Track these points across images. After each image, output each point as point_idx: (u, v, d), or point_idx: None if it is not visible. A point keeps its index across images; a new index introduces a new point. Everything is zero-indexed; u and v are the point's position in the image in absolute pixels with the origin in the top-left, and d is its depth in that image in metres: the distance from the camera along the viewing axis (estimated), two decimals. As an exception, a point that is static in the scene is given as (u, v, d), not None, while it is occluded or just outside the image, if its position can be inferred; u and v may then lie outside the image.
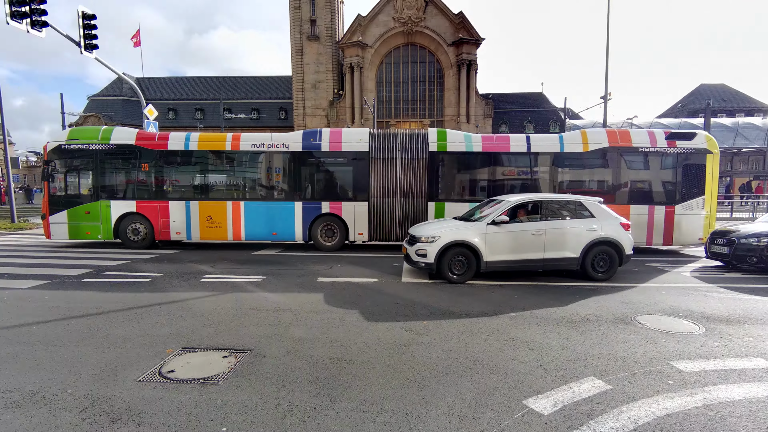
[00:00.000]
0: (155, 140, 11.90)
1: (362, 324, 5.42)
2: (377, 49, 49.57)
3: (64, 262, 9.72)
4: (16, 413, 3.24)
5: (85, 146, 11.81)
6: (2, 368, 4.05)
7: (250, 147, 11.86)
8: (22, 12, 11.80)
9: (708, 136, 11.44)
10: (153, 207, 11.87)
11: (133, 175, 11.92)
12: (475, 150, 11.74)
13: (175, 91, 60.09)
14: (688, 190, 11.26)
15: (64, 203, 11.90)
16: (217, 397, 3.48)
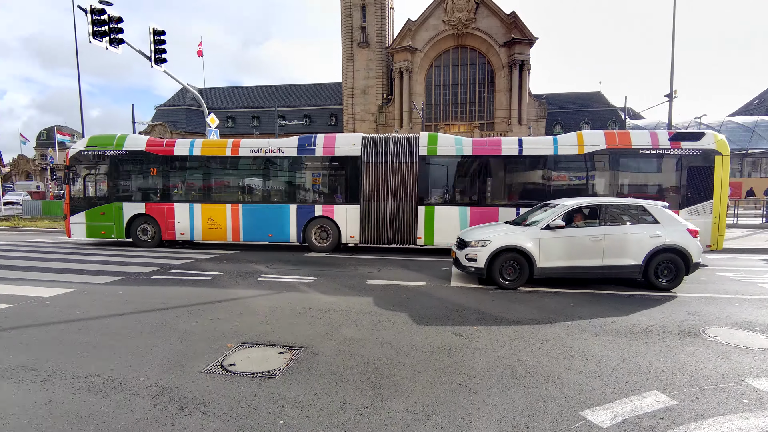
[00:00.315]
0: (163, 146, 12.73)
1: (411, 327, 5.45)
2: (426, 53, 49.59)
3: (135, 260, 10.51)
4: (97, 396, 3.57)
5: (101, 152, 12.78)
6: (85, 355, 4.47)
7: (249, 152, 12.36)
8: (102, 31, 12.97)
9: (718, 136, 10.62)
10: (160, 209, 12.63)
11: (143, 179, 12.82)
12: (466, 154, 11.61)
13: (233, 100, 63.28)
14: (694, 194, 10.52)
15: (83, 205, 12.93)
16: (274, 391, 3.65)
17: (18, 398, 3.52)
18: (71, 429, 3.07)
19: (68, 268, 9.24)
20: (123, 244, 13.31)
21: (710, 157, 10.43)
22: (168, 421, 3.17)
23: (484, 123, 49.72)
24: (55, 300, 6.67)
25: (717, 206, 10.41)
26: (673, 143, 10.61)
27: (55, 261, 10.24)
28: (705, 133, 10.76)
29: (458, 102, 50.93)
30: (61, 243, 13.87)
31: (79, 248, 12.58)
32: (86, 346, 4.71)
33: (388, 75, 52.77)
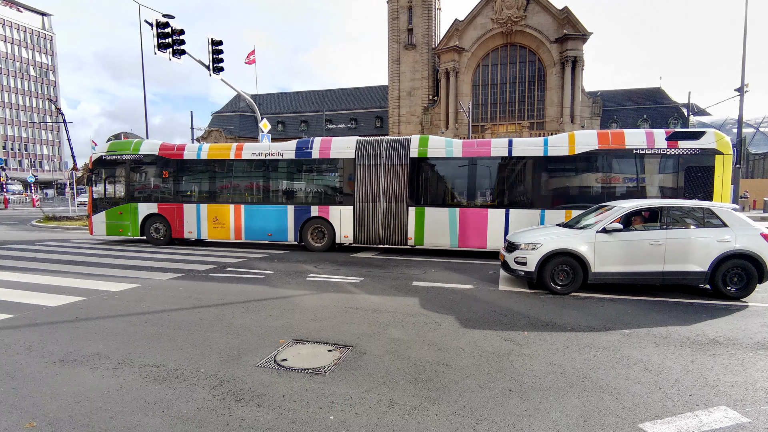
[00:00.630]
0: (174, 151, 13.50)
1: (458, 330, 5.40)
2: (474, 52, 48.88)
3: (194, 259, 11.12)
4: (162, 385, 3.83)
5: (120, 156, 13.75)
6: (151, 346, 4.80)
7: (251, 155, 12.93)
8: (166, 43, 13.87)
9: (719, 134, 10.03)
10: (171, 209, 13.44)
11: (156, 181, 13.71)
12: (455, 155, 11.59)
13: (283, 105, 65.42)
14: (692, 195, 10.00)
15: (104, 205, 13.95)
16: (324, 387, 3.75)
17: (94, 383, 3.85)
18: (140, 414, 3.31)
19: (134, 265, 9.95)
20: (184, 244, 14.12)
21: (710, 157, 9.91)
22: (226, 411, 3.35)
23: (533, 122, 48.25)
24: (123, 294, 7.21)
25: None
26: (670, 143, 10.17)
27: (122, 258, 11.04)
28: (705, 131, 10.23)
29: (506, 101, 49.77)
30: (126, 243, 14.91)
31: (143, 248, 13.48)
32: (151, 338, 5.06)
33: (434, 76, 52.51)
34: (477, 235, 11.39)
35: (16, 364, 4.25)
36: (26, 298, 6.81)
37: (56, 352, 4.55)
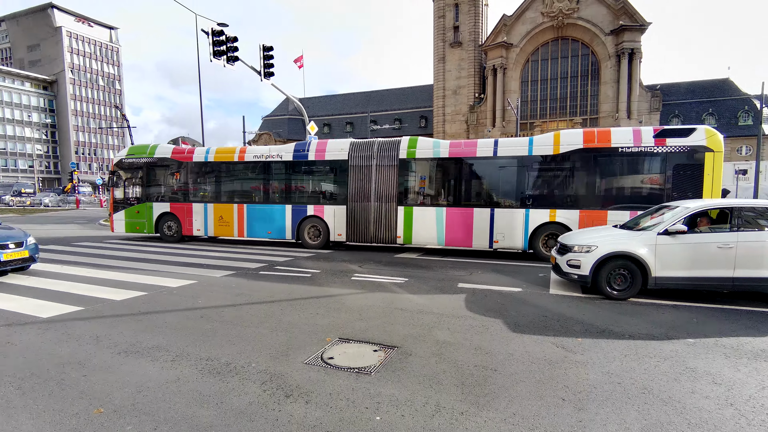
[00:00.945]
0: (185, 154, 14.40)
1: (507, 334, 5.24)
2: (523, 48, 47.48)
3: (245, 257, 11.54)
4: (216, 378, 3.98)
5: (137, 160, 14.78)
6: (206, 340, 5.02)
7: (252, 157, 13.61)
8: (221, 51, 14.51)
9: (710, 131, 9.70)
10: (181, 208, 14.33)
11: (168, 182, 14.72)
12: (442, 156, 11.81)
13: (329, 107, 66.64)
14: (680, 193, 9.77)
15: (123, 204, 14.99)
16: (370, 387, 3.76)
17: (154, 374, 4.07)
18: (196, 405, 3.47)
19: (190, 263, 10.47)
20: (239, 243, 14.71)
21: (700, 155, 9.64)
22: (276, 406, 3.43)
23: (586, 119, 46.15)
24: (180, 290, 7.60)
25: None
26: (657, 140, 9.96)
27: (178, 256, 11.66)
28: (696, 128, 9.88)
29: (557, 97, 47.93)
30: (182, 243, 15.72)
31: (196, 246, 14.17)
32: (206, 332, 5.29)
33: (481, 74, 51.51)
34: (463, 233, 11.57)
35: (86, 353, 4.59)
36: (95, 292, 7.34)
37: (121, 344, 4.87)
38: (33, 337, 5.08)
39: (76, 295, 7.10)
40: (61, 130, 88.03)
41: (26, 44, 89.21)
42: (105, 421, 3.21)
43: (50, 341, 4.93)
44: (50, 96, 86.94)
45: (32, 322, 5.64)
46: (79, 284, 7.87)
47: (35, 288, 7.57)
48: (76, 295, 7.10)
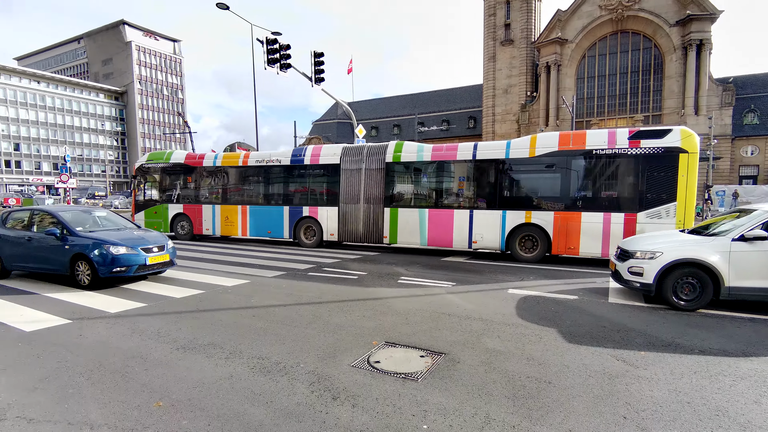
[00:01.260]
0: (196, 159, 15.50)
1: (562, 344, 4.98)
2: (578, 43, 45.47)
3: (294, 258, 11.83)
4: (266, 377, 4.08)
5: (155, 165, 16.03)
6: (258, 339, 5.16)
7: (255, 162, 14.44)
8: (274, 58, 15.05)
9: (686, 132, 9.60)
10: (193, 209, 15.39)
11: (182, 185, 15.77)
12: (425, 159, 12.18)
13: (377, 110, 67.18)
14: (655, 195, 9.76)
15: (142, 206, 16.24)
16: (417, 394, 3.69)
17: (208, 370, 4.23)
18: (247, 403, 3.56)
19: (243, 263, 10.88)
20: (283, 244, 15.15)
21: (674, 156, 9.56)
22: (323, 408, 3.45)
23: (648, 116, 43.39)
24: (235, 289, 7.90)
25: (681, 209, 9.55)
26: (632, 142, 9.96)
27: (232, 256, 12.15)
28: (672, 129, 9.78)
29: (616, 94, 45.42)
30: (233, 244, 16.38)
31: (246, 247, 14.70)
32: (258, 331, 5.45)
33: (533, 71, 49.88)
34: (444, 234, 11.87)
35: (148, 347, 4.86)
36: (157, 289, 7.80)
37: (179, 339, 5.11)
38: (102, 330, 5.46)
39: (141, 292, 7.58)
40: (129, 137, 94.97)
41: (101, 59, 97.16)
42: (163, 415, 3.37)
43: (117, 335, 5.27)
44: (121, 106, 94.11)
45: (102, 317, 6.07)
46: (141, 282, 8.40)
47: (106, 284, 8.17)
48: (141, 292, 7.58)
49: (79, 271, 7.81)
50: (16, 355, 4.59)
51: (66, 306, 6.62)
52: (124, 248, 7.75)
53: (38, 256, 8.32)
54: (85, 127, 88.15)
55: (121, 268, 7.69)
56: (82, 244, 7.78)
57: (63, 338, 5.14)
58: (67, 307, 6.53)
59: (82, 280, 7.80)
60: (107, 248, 7.62)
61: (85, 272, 7.76)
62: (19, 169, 78.41)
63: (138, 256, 7.88)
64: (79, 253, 7.73)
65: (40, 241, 8.25)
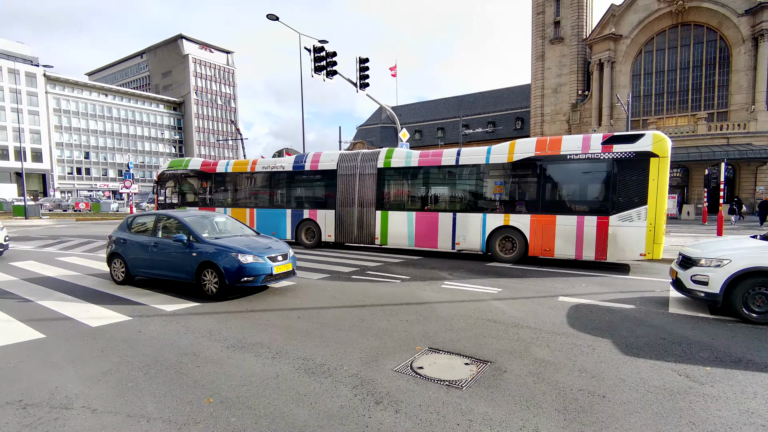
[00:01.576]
0: (210, 166, 16.59)
1: (617, 357, 4.70)
2: (634, 39, 43.16)
3: (338, 261, 11.99)
4: (311, 378, 4.13)
5: (175, 171, 17.31)
6: (303, 340, 5.25)
7: (261, 168, 15.45)
8: (321, 66, 15.41)
9: (658, 136, 9.70)
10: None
11: (198, 190, 16.96)
12: (413, 165, 12.75)
13: (421, 114, 67.00)
14: (627, 199, 9.94)
15: (163, 208, 17.15)
16: (461, 403, 3.60)
17: (256, 369, 4.35)
18: (292, 403, 3.62)
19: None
20: (329, 247, 15.40)
21: (645, 160, 9.69)
22: (366, 412, 3.45)
23: (712, 112, 40.37)
24: (281, 290, 8.10)
25: (652, 212, 9.67)
26: (604, 147, 10.17)
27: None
28: (644, 133, 9.94)
29: (675, 90, 42.64)
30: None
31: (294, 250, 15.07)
32: (303, 332, 5.55)
33: (584, 69, 47.86)
34: (429, 236, 12.37)
35: (200, 345, 5.07)
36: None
37: (229, 338, 5.30)
38: (158, 328, 5.77)
39: (195, 292, 7.94)
40: (186, 145, 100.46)
41: (161, 71, 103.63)
42: (213, 411, 3.49)
43: (172, 333, 5.55)
44: (178, 116, 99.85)
45: (159, 315, 6.42)
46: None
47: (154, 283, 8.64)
48: (195, 292, 7.94)
49: (206, 280, 7.39)
50: (83, 349, 4.95)
51: (127, 303, 7.06)
52: (251, 256, 7.24)
53: (164, 263, 7.94)
54: (147, 136, 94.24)
55: (249, 278, 7.18)
56: (209, 251, 7.37)
57: (124, 334, 5.48)
58: (128, 305, 6.96)
59: (210, 290, 7.37)
60: (235, 256, 7.16)
61: (212, 281, 7.34)
62: (88, 175, 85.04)
63: (265, 265, 7.35)
64: (206, 261, 7.32)
65: (166, 247, 7.89)
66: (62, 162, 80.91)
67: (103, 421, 3.33)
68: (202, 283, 7.44)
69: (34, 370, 4.32)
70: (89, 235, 19.73)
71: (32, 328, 5.69)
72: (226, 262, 7.15)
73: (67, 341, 5.20)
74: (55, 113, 78.68)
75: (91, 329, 5.67)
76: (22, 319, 6.06)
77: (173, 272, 7.84)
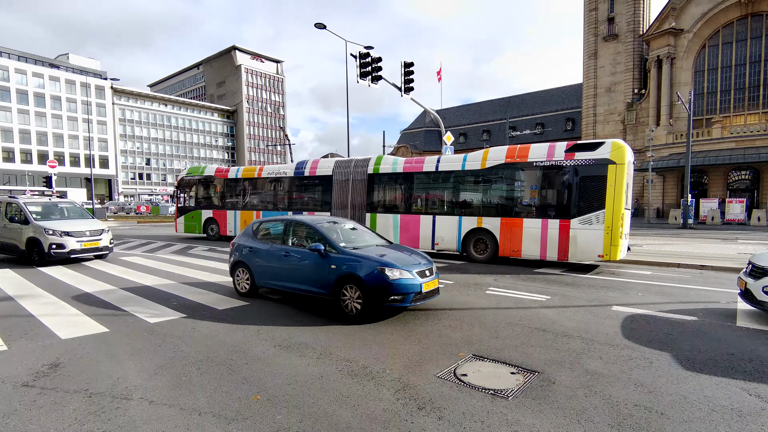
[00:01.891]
0: (222, 172, 18.05)
1: (678, 371, 4.39)
2: (697, 32, 40.45)
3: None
4: (353, 380, 4.16)
5: (193, 177, 18.83)
6: (346, 342, 5.31)
7: (267, 174, 16.79)
8: (366, 72, 15.61)
9: (617, 144, 10.32)
10: (220, 214, 17.85)
11: (212, 194, 18.43)
12: (398, 171, 13.65)
13: (465, 117, 66.17)
14: (587, 203, 10.56)
15: (183, 211, 18.98)
16: (507, 413, 3.49)
17: (301, 369, 4.44)
18: (335, 404, 3.66)
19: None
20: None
21: (603, 167, 10.30)
22: (408, 417, 3.42)
23: (788, 110, 37.00)
24: (326, 292, 8.22)
25: (609, 216, 10.21)
26: (567, 154, 10.83)
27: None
28: (604, 142, 10.65)
29: (744, 86, 39.43)
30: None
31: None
32: (347, 334, 5.61)
33: (640, 67, 45.38)
34: (412, 236, 13.17)
35: (249, 343, 5.25)
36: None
37: (277, 338, 5.46)
38: (211, 325, 6.03)
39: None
40: (238, 151, 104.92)
41: (215, 81, 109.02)
42: (260, 408, 3.60)
43: (223, 330, 5.79)
44: (231, 123, 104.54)
45: (211, 313, 6.71)
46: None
47: (213, 283, 9.03)
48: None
49: (347, 297, 6.41)
50: (142, 344, 5.26)
51: (182, 302, 7.44)
52: (399, 271, 6.17)
53: (295, 275, 7.08)
54: (202, 143, 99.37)
55: (397, 297, 6.10)
56: (350, 263, 6.40)
57: (179, 331, 5.77)
58: (182, 303, 7.33)
59: (351, 308, 6.34)
60: (382, 270, 6.13)
61: (354, 298, 6.33)
62: (149, 180, 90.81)
63: (414, 281, 6.21)
64: (347, 275, 6.36)
65: (299, 257, 7.04)
66: (126, 168, 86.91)
67: (159, 413, 3.52)
68: (342, 299, 6.48)
69: (98, 362, 4.64)
70: (150, 236, 21.03)
71: (97, 322, 6.13)
72: (370, 276, 6.15)
73: (127, 335, 5.56)
74: (120, 123, 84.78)
75: (150, 325, 6.02)
76: (88, 314, 6.55)
77: (306, 285, 6.93)
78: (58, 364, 4.56)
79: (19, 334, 5.57)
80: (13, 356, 4.80)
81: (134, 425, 3.33)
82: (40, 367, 4.49)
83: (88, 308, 6.90)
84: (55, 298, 7.64)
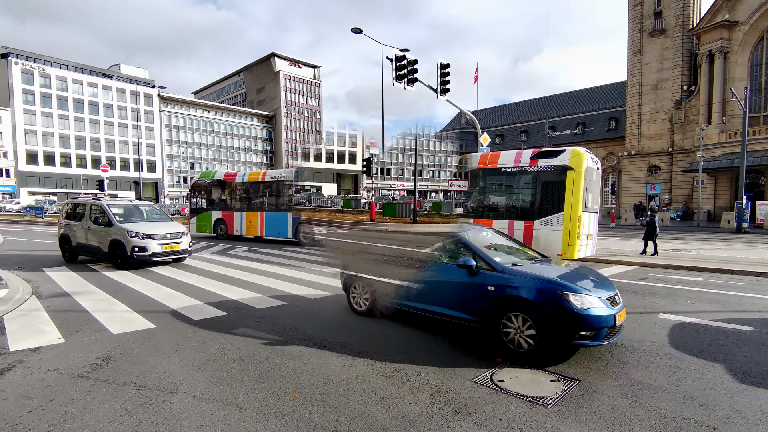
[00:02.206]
0: (231, 176, 19.19)
1: (731, 384, 4.13)
2: (753, 24, 37.97)
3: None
4: (388, 381, 4.18)
5: (204, 181, 20.08)
6: (381, 343, 5.34)
7: (269, 178, 17.97)
8: (402, 74, 15.68)
9: (576, 152, 11.00)
10: (228, 215, 18.93)
11: (221, 196, 19.46)
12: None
13: (502, 117, 65.02)
14: (548, 206, 11.22)
15: (195, 212, 20.14)
16: (546, 421, 3.40)
17: (337, 369, 4.50)
18: (371, 405, 3.68)
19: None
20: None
21: (562, 173, 10.94)
22: (444, 421, 3.40)
23: None
24: (361, 294, 8.28)
25: (567, 218, 10.81)
26: (531, 161, 11.53)
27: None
28: (565, 149, 11.21)
29: (808, 81, 36.65)
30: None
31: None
32: (381, 336, 5.64)
33: (690, 63, 43.07)
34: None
35: (286, 342, 5.37)
36: (292, 289, 8.58)
37: (313, 337, 5.55)
38: (251, 324, 6.21)
39: (280, 291, 8.43)
40: (276, 155, 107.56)
41: (255, 88, 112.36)
42: (298, 406, 3.68)
43: (262, 329, 5.95)
44: (270, 128, 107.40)
45: (251, 312, 6.91)
46: (282, 282, 9.31)
47: (251, 283, 9.29)
48: (280, 291, 8.43)
49: (512, 328, 4.90)
50: (187, 340, 5.49)
51: (228, 301, 7.70)
52: (587, 298, 4.64)
53: (435, 294, 5.72)
54: (242, 147, 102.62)
55: (588, 333, 4.56)
56: (515, 283, 4.93)
57: (221, 328, 5.98)
58: (229, 303, 7.59)
59: (518, 343, 4.84)
60: (564, 296, 4.62)
61: (522, 330, 4.81)
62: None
63: (607, 312, 4.66)
64: (510, 298, 4.90)
65: (441, 273, 5.72)
66: (171, 172, 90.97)
67: (202, 407, 3.67)
68: (503, 331, 4.99)
69: (146, 356, 4.88)
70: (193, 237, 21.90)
71: (145, 318, 6.44)
72: (549, 304, 4.66)
73: (172, 332, 5.81)
74: (166, 129, 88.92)
75: (195, 322, 6.28)
76: (137, 310, 6.90)
77: (449, 309, 5.49)
78: (110, 358, 4.83)
79: (75, 328, 5.94)
80: (70, 349, 5.13)
81: (179, 418, 3.48)
82: (93, 359, 4.77)
83: (136, 304, 7.27)
84: (106, 294, 8.09)
